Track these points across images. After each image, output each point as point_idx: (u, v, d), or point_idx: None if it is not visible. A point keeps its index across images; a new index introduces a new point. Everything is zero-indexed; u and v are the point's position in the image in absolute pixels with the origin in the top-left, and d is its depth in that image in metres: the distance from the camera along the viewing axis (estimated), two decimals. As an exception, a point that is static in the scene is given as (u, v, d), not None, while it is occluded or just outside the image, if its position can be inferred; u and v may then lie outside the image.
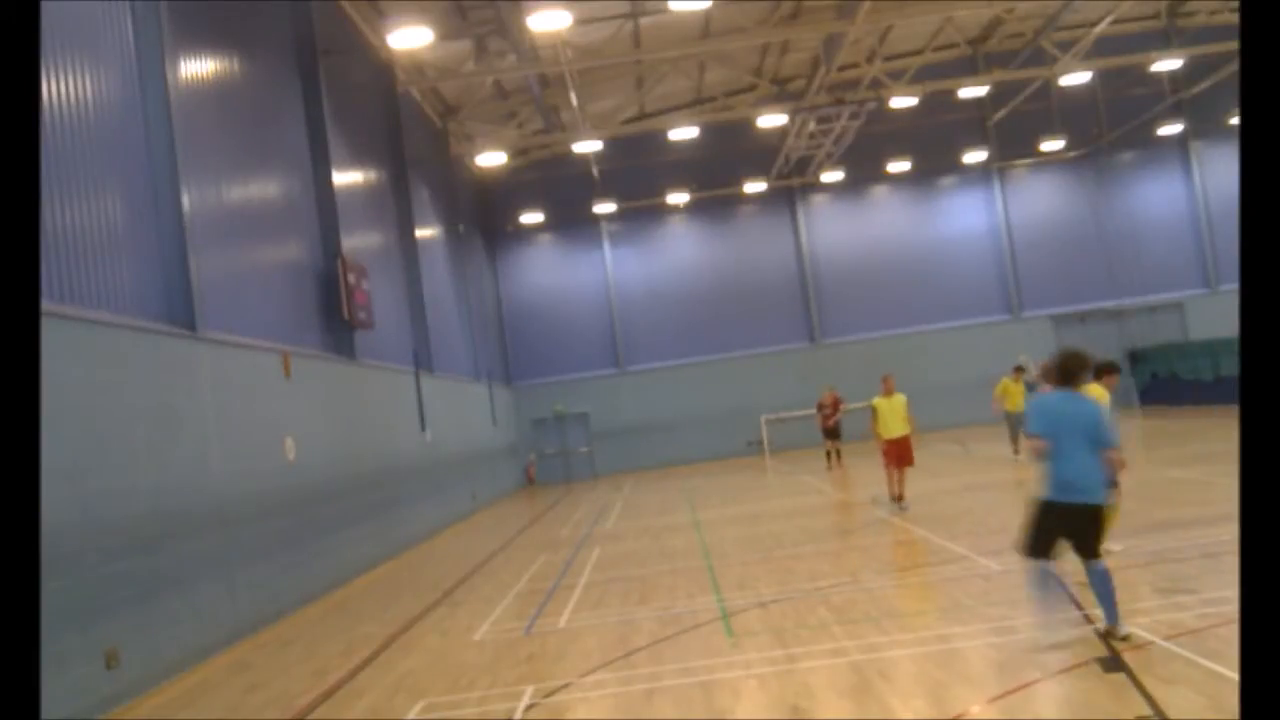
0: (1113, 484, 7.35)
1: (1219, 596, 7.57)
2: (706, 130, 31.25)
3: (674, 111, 33.62)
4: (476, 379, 28.63)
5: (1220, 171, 34.72)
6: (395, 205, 22.35)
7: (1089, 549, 6.78)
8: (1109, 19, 26.95)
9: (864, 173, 34.87)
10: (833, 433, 25.98)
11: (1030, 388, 35.25)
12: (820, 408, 26.49)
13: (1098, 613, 7.19)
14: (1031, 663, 6.74)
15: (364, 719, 7.52)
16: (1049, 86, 31.59)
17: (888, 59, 29.75)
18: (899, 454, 14.88)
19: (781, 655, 7.64)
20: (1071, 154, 35.00)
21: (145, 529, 9.44)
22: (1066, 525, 6.76)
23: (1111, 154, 35.44)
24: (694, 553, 13.73)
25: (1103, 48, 29.13)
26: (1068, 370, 7.01)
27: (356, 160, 19.54)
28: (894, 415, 14.91)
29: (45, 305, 8.27)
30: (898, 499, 15.08)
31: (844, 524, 14.97)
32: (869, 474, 20.20)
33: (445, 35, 22.28)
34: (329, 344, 16.41)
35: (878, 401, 15.14)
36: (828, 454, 26.00)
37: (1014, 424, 19.54)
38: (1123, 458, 7.34)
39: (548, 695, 7.38)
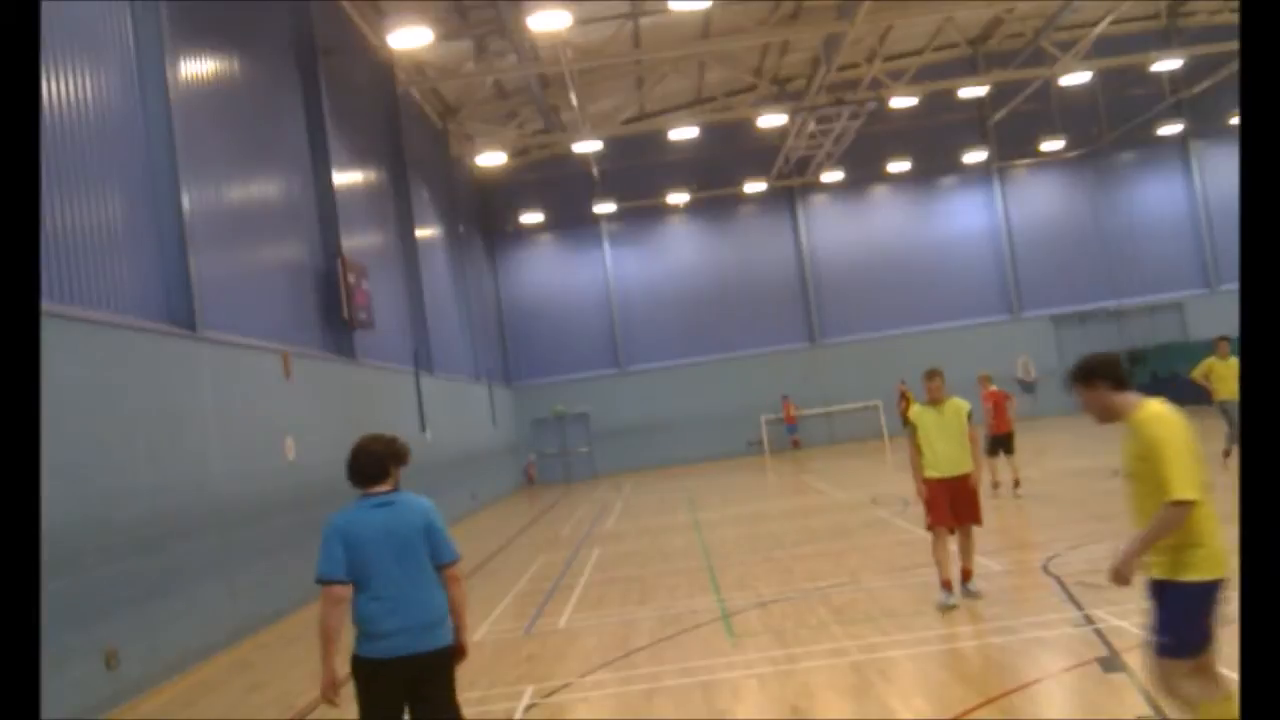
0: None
1: (1219, 596, 7.56)
2: (706, 130, 31.24)
3: (674, 111, 33.62)
4: (476, 379, 28.62)
5: (1220, 171, 34.69)
6: (395, 205, 22.35)
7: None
8: (1109, 19, 26.93)
9: (864, 173, 34.85)
10: (1005, 442, 16.03)
11: (1027, 388, 35.29)
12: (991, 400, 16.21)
13: (1098, 612, 7.20)
14: (1031, 663, 6.74)
15: (364, 719, 7.52)
16: (1049, 86, 31.58)
17: (888, 59, 29.73)
18: (956, 503, 8.74)
19: (781, 655, 7.64)
20: (1071, 154, 34.97)
21: (145, 529, 9.44)
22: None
23: (1111, 154, 35.42)
24: (694, 553, 13.72)
25: (1103, 48, 29.10)
26: None
27: (356, 160, 19.54)
28: (946, 436, 8.78)
29: (45, 305, 8.26)
30: (960, 580, 8.86)
31: (844, 524, 14.95)
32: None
33: (445, 35, 22.28)
34: (329, 344, 16.41)
35: (918, 413, 9.03)
36: (1000, 475, 16.25)
37: (1232, 417, 14.26)
38: None
39: (548, 695, 7.38)
